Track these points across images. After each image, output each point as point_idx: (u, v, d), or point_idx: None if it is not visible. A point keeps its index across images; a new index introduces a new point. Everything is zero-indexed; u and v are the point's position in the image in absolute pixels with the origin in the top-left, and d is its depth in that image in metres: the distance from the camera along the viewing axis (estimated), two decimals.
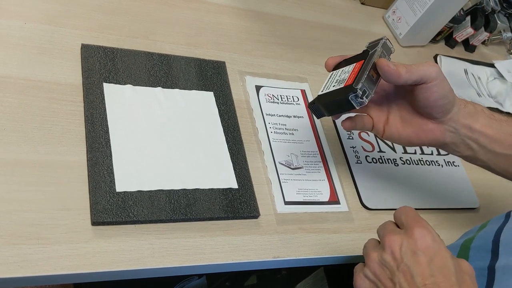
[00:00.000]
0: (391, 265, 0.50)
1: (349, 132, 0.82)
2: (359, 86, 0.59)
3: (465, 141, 0.64)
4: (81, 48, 0.70)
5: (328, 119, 0.82)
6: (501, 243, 0.58)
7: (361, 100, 0.59)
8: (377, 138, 0.83)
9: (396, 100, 0.65)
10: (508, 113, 1.06)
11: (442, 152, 0.88)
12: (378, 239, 0.56)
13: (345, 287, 0.93)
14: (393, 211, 0.74)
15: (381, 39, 0.64)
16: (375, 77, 0.61)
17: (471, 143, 0.64)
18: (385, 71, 0.59)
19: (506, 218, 0.62)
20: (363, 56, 0.63)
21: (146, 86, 0.70)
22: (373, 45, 0.64)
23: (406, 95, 0.63)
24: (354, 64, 0.63)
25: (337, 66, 0.66)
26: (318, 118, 0.66)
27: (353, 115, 0.65)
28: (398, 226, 0.55)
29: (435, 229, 0.54)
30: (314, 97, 0.65)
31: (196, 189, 0.63)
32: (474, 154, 0.65)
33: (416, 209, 0.77)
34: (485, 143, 0.63)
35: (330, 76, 0.66)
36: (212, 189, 0.64)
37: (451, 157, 0.88)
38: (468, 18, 1.10)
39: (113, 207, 0.58)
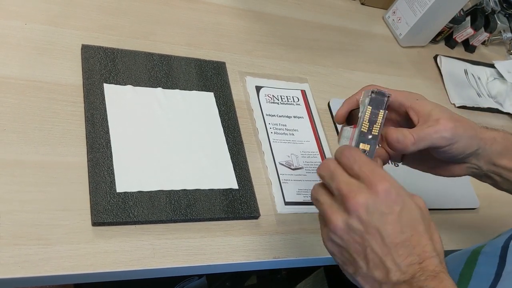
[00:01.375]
0: (359, 229, 0.46)
1: None
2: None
3: (488, 174, 0.61)
4: (82, 48, 0.70)
5: (327, 118, 0.83)
6: (510, 250, 0.58)
7: None
8: None
9: None
10: None
11: None
12: (322, 181, 0.50)
13: (345, 287, 0.93)
14: None
15: (370, 93, 0.55)
16: (367, 131, 0.54)
17: (493, 176, 0.61)
18: (392, 146, 0.55)
19: None
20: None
21: (146, 86, 0.70)
22: (363, 99, 0.57)
23: None
24: (353, 126, 0.57)
25: (348, 118, 0.60)
26: None
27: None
28: (347, 172, 0.48)
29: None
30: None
31: (196, 189, 0.63)
32: (496, 184, 0.63)
33: None
34: (508, 176, 0.61)
35: (342, 132, 0.61)
36: (212, 189, 0.65)
37: None
38: (468, 18, 1.10)
39: (113, 207, 0.58)
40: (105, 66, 0.69)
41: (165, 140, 0.66)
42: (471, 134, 0.57)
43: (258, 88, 0.79)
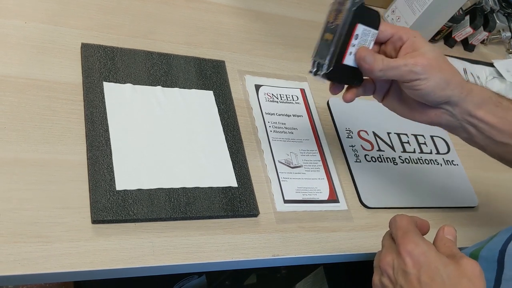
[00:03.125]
0: (389, 286, 0.52)
1: (348, 131, 0.82)
2: (311, 63, 0.58)
3: (463, 125, 0.62)
4: (81, 47, 0.70)
5: (327, 117, 0.83)
6: (507, 254, 0.58)
7: (319, 74, 0.57)
8: (376, 137, 0.84)
9: None
10: None
11: (441, 151, 0.88)
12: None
13: (345, 286, 0.94)
14: (392, 210, 0.75)
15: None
16: (330, 41, 0.57)
17: (469, 128, 0.62)
18: (359, 63, 0.58)
19: None
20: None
21: (146, 85, 0.70)
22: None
23: None
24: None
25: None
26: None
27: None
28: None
29: (434, 230, 0.54)
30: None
31: (195, 187, 0.64)
32: (471, 138, 0.63)
33: (415, 208, 0.78)
34: (483, 129, 0.61)
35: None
36: (211, 187, 0.65)
37: (450, 156, 0.88)
38: (467, 17, 1.10)
39: (113, 205, 0.58)
40: (104, 65, 0.69)
41: (164, 139, 0.66)
42: (446, 78, 0.58)
43: (257, 87, 0.80)
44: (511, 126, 0.61)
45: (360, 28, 0.58)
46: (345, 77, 0.61)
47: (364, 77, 0.62)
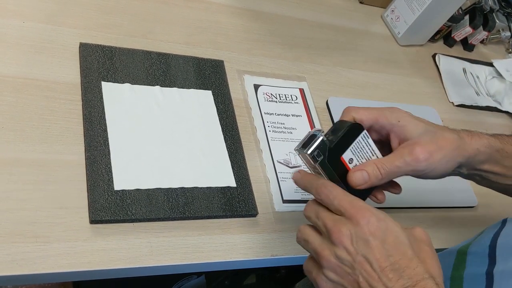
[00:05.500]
0: (348, 260, 0.47)
1: None
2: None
3: (469, 175, 0.61)
4: (80, 47, 0.70)
5: (325, 117, 0.83)
6: (498, 248, 0.58)
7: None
8: None
9: None
10: None
11: None
12: (309, 223, 0.52)
13: None
14: (391, 210, 0.75)
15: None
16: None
17: (475, 177, 0.62)
18: (357, 188, 0.53)
19: (502, 224, 0.61)
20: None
21: (144, 84, 0.70)
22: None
23: None
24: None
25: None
26: None
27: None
28: (329, 209, 0.50)
29: (433, 230, 0.54)
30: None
31: (194, 187, 0.63)
32: (476, 181, 0.63)
33: (414, 208, 0.78)
34: (489, 177, 0.61)
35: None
36: (210, 187, 0.65)
37: None
38: (467, 17, 1.10)
39: (111, 205, 0.58)
40: (103, 64, 0.69)
41: (163, 138, 0.66)
42: (452, 156, 0.56)
43: (256, 87, 0.79)
44: None
45: (348, 154, 0.53)
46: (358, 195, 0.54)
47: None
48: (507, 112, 1.07)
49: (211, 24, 0.85)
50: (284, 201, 0.69)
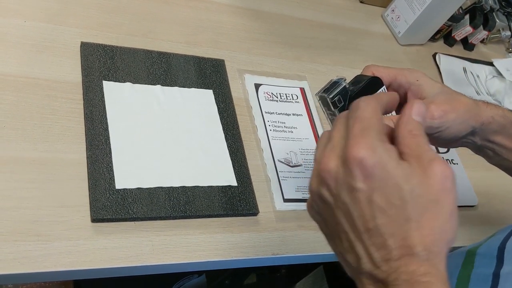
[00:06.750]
0: (329, 201, 0.39)
1: None
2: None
3: (481, 148, 0.61)
4: (81, 46, 0.70)
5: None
6: (507, 250, 0.58)
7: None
8: None
9: None
10: None
11: (440, 150, 0.88)
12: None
13: (345, 285, 0.94)
14: None
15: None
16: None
17: (487, 151, 0.61)
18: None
19: None
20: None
21: (145, 84, 0.70)
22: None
23: None
24: None
25: None
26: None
27: None
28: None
29: None
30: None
31: (195, 186, 0.64)
32: (488, 158, 0.63)
33: None
34: (501, 152, 0.60)
35: None
36: (211, 186, 0.65)
37: (449, 155, 0.88)
38: (467, 16, 1.10)
39: (112, 204, 0.58)
40: (104, 64, 0.69)
41: (164, 137, 0.66)
42: (465, 118, 0.55)
43: (257, 86, 0.79)
44: None
45: None
46: None
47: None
48: None
49: (212, 23, 0.85)
50: (285, 200, 0.69)
